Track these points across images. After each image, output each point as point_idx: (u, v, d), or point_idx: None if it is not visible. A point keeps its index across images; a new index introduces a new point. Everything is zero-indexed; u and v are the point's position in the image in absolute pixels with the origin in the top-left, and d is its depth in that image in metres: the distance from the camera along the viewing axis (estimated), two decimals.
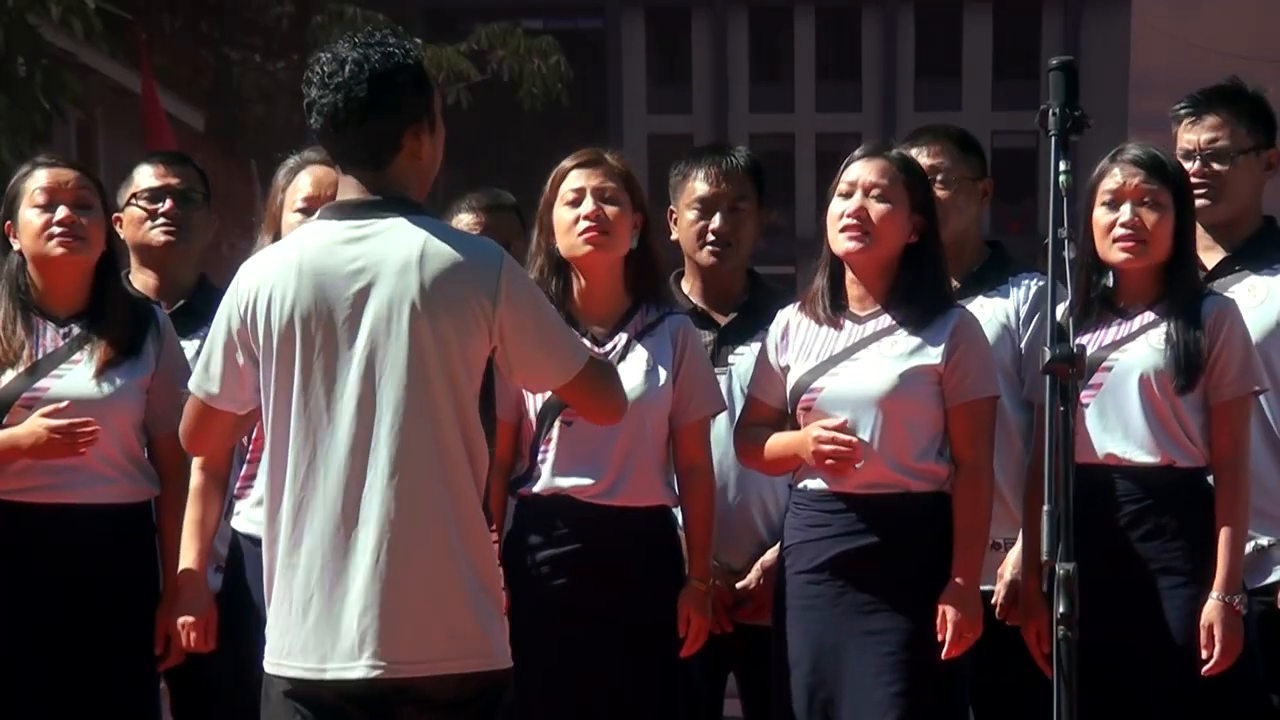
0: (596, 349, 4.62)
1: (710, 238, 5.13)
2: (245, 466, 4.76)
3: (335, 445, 3.87)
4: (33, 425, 4.64)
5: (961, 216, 5.15)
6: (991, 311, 5.04)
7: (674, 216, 5.22)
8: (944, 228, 4.82)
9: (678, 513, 4.81)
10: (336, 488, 3.86)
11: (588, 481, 4.66)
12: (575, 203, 4.74)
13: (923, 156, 5.04)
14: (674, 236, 5.21)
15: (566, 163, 4.82)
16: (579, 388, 4.10)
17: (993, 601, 4.86)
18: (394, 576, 3.83)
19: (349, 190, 3.98)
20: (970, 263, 5.19)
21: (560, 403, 4.57)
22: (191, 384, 4.12)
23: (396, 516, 3.84)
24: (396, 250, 3.87)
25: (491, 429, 4.02)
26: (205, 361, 4.08)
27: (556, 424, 4.68)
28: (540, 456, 4.70)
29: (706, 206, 5.14)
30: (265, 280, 3.95)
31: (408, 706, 3.89)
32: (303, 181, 4.83)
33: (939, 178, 5.08)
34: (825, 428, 4.56)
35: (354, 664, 3.85)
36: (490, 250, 3.99)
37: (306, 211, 4.69)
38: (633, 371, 4.69)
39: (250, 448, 4.73)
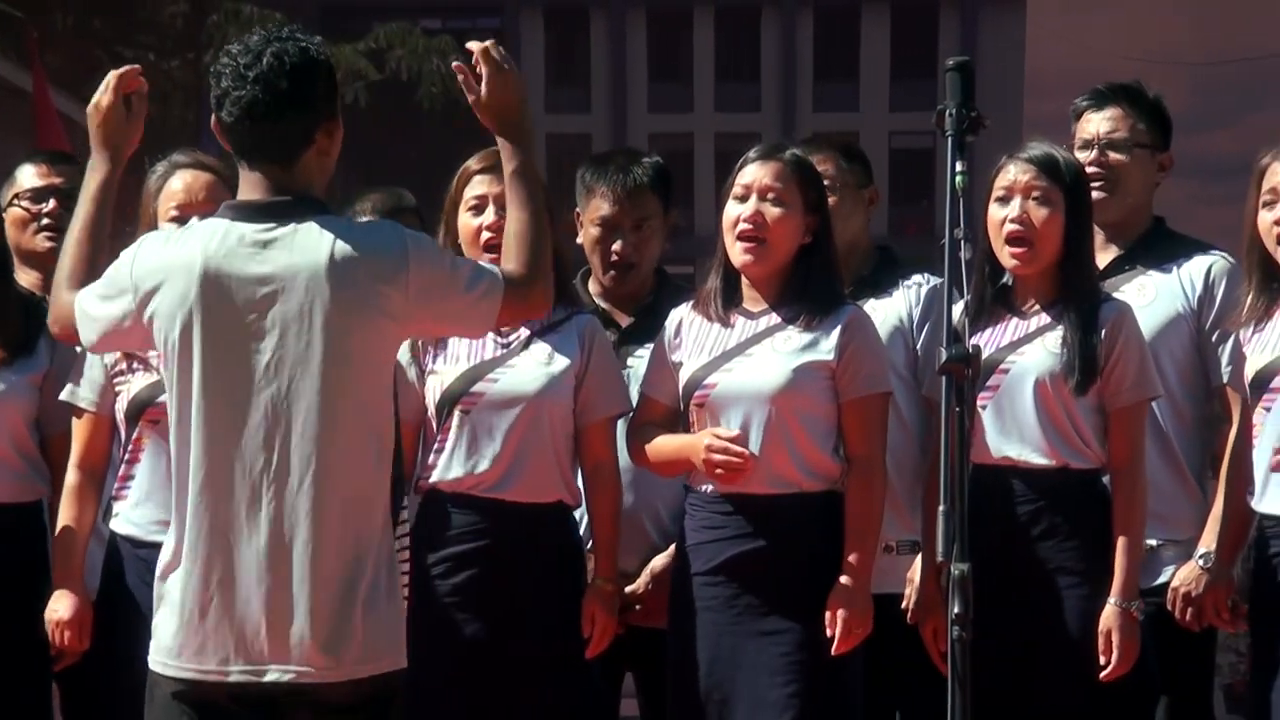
0: (499, 339, 4.66)
1: (613, 258, 5.11)
2: (123, 467, 4.71)
3: (241, 449, 3.82)
4: None
5: (849, 225, 5.15)
6: (883, 314, 5.06)
7: (580, 219, 5.19)
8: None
9: (577, 514, 4.80)
10: (240, 492, 3.82)
11: (480, 470, 4.63)
12: (478, 209, 4.75)
13: None
14: (579, 240, 5.20)
15: (471, 164, 4.82)
16: (507, 316, 4.06)
17: (902, 606, 4.87)
18: (296, 581, 3.80)
19: (253, 189, 3.90)
20: (859, 268, 5.21)
21: (458, 393, 4.61)
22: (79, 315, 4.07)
23: (300, 522, 3.80)
24: (305, 256, 3.81)
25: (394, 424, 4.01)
26: (95, 305, 4.03)
27: (455, 413, 4.66)
28: (437, 446, 4.68)
29: (609, 227, 5.11)
30: (165, 274, 3.87)
31: (302, 710, 3.85)
32: (174, 187, 4.73)
33: (825, 184, 5.10)
34: (719, 436, 4.56)
35: (255, 666, 3.82)
36: (393, 241, 3.90)
37: (180, 220, 4.56)
38: (531, 365, 4.69)
39: (130, 449, 4.68)
